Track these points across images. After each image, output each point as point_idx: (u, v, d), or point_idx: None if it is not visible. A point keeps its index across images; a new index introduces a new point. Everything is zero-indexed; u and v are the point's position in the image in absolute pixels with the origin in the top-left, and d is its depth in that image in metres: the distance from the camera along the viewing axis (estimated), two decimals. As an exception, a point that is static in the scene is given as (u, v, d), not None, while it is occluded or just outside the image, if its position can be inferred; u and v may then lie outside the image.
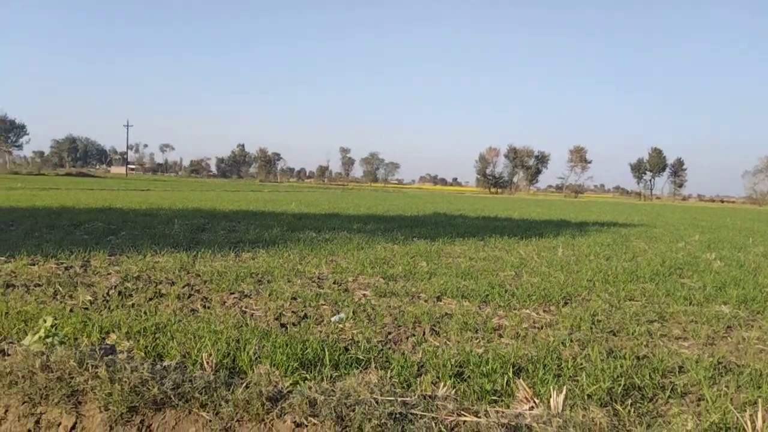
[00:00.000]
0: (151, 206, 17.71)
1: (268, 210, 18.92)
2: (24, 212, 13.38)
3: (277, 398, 2.93)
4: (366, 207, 25.16)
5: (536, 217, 23.12)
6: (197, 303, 5.34)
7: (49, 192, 25.07)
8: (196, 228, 11.80)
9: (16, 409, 3.11)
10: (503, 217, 21.71)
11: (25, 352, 3.51)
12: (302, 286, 6.29)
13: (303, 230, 12.17)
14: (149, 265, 7.11)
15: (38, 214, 13.11)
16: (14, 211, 13.72)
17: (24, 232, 9.80)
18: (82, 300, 5.22)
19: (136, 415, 2.93)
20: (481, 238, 12.03)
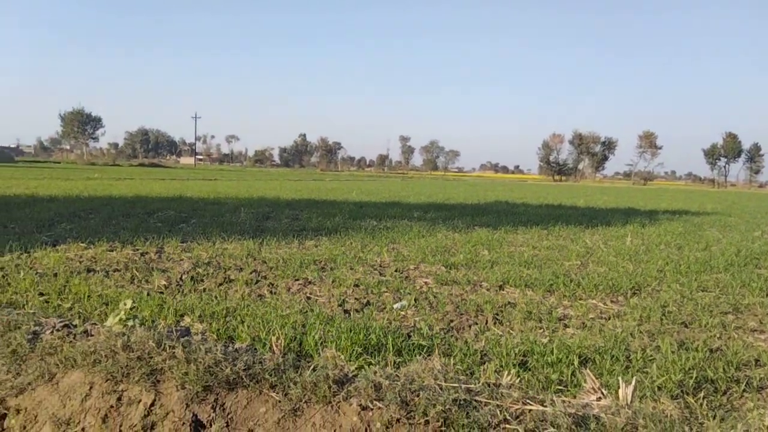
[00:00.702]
0: (218, 195, 18.31)
1: (329, 199, 19.19)
2: (101, 201, 14.12)
3: (343, 381, 3.00)
4: (426, 195, 25.11)
5: (603, 206, 22.44)
6: (264, 289, 5.51)
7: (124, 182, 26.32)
8: (261, 216, 12.13)
9: (99, 386, 3.31)
10: (568, 206, 21.19)
11: (107, 332, 3.73)
12: (364, 273, 6.38)
13: (364, 218, 12.28)
14: (218, 251, 7.38)
15: (114, 202, 13.81)
16: (93, 199, 14.50)
17: (102, 219, 10.36)
18: (157, 284, 5.49)
19: (210, 394, 3.07)
20: (544, 227, 11.80)
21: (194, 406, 3.04)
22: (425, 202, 19.40)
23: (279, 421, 2.90)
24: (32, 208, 11.72)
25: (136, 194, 17.14)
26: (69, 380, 3.40)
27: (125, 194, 16.93)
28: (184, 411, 3.03)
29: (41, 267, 6.07)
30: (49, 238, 8.00)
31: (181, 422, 3.00)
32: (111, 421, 3.14)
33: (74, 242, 7.58)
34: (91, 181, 25.51)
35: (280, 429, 2.88)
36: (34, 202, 13.20)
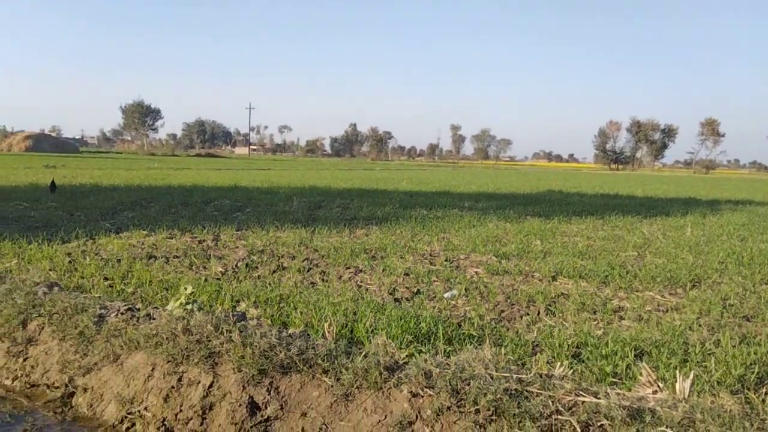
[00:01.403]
0: (271, 185, 18.66)
1: (380, 188, 19.27)
2: (161, 190, 14.62)
3: (394, 368, 3.04)
4: (477, 184, 24.87)
5: (661, 195, 21.68)
6: (316, 276, 5.61)
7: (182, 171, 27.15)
8: (313, 205, 12.30)
9: (161, 367, 3.47)
10: (624, 195, 20.58)
11: (168, 316, 3.89)
12: (414, 262, 6.40)
13: (414, 208, 12.28)
14: (272, 239, 7.54)
15: (173, 192, 14.28)
16: (153, 189, 15.03)
17: (162, 208, 10.73)
18: (214, 271, 5.67)
19: (265, 378, 3.17)
20: (599, 217, 11.52)
21: (250, 389, 3.14)
22: (476, 192, 19.22)
23: (331, 405, 2.97)
24: (96, 196, 12.25)
25: (194, 184, 17.65)
26: (132, 361, 3.57)
27: (183, 184, 17.47)
28: (240, 393, 3.13)
29: (106, 253, 6.36)
30: (113, 225, 8.35)
31: (238, 404, 3.10)
32: (172, 401, 3.28)
33: (136, 230, 7.90)
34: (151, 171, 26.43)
35: (333, 413, 2.95)
36: (98, 191, 13.80)
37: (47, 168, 24.32)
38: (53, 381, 3.73)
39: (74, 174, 20.37)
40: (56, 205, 10.51)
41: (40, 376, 3.79)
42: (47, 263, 5.66)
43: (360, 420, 2.88)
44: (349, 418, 2.91)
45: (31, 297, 4.35)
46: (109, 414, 3.38)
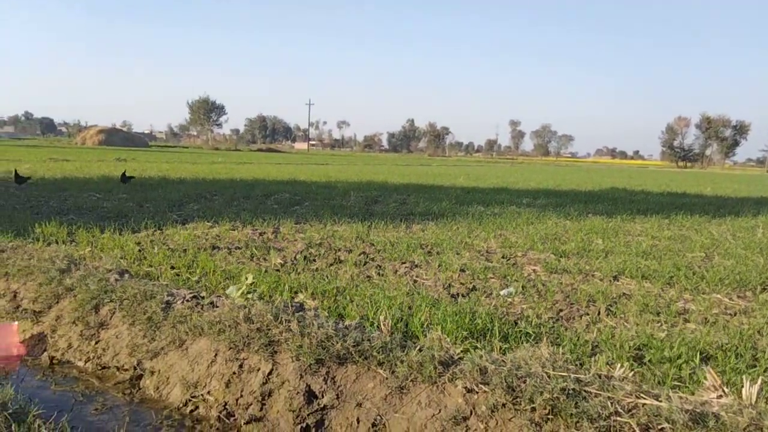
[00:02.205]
0: (329, 179, 18.91)
1: (436, 184, 19.20)
2: (224, 183, 15.08)
3: (449, 363, 3.04)
4: (536, 181, 24.40)
5: (732, 194, 20.66)
6: (372, 270, 5.67)
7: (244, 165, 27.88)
8: (369, 200, 12.40)
9: (223, 353, 3.60)
10: (692, 194, 19.73)
11: (231, 304, 4.03)
12: (470, 258, 6.36)
13: (471, 204, 12.19)
14: (329, 233, 7.66)
15: (236, 185, 14.70)
16: (217, 182, 15.52)
17: (225, 201, 11.08)
18: (274, 262, 5.81)
19: (322, 367, 3.24)
20: (665, 216, 11.10)
21: (308, 378, 3.22)
22: (535, 188, 18.87)
23: (386, 397, 3.01)
24: (164, 189, 12.76)
25: (255, 177, 18.11)
26: (197, 347, 3.72)
27: (245, 177, 17.95)
28: (298, 381, 3.21)
29: (172, 243, 6.62)
30: (179, 216, 8.69)
31: (295, 391, 3.18)
32: (233, 386, 3.40)
33: (201, 221, 8.19)
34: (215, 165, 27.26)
35: (387, 405, 2.98)
36: (166, 183, 14.36)
37: (118, 161, 25.48)
38: (123, 363, 3.93)
39: (143, 167, 21.26)
40: (127, 196, 11.01)
41: (111, 359, 4.00)
42: (118, 251, 5.95)
43: (414, 413, 2.91)
44: (404, 410, 2.94)
45: (103, 283, 4.59)
46: (174, 397, 3.54)
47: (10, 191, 11.21)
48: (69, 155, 29.65)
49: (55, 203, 9.67)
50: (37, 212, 8.51)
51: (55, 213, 8.42)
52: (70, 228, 6.99)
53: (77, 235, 6.66)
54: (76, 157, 27.48)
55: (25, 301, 4.68)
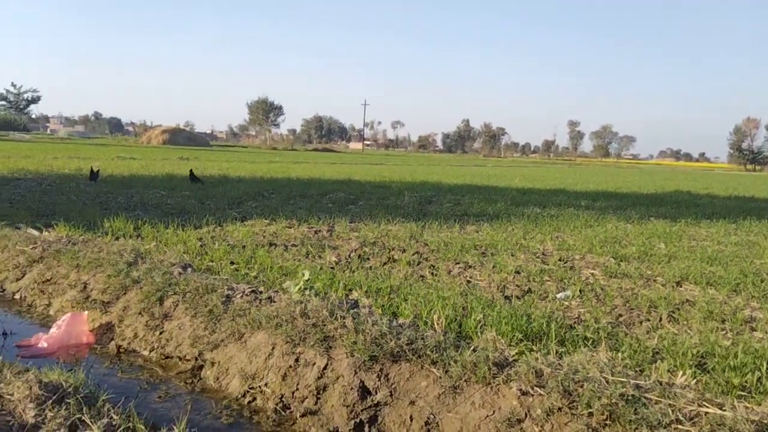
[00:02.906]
0: (383, 179, 19.00)
1: (491, 185, 18.99)
2: (281, 182, 15.40)
3: (503, 365, 3.02)
4: (595, 183, 23.78)
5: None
6: (425, 270, 5.67)
7: (300, 165, 28.36)
8: (423, 200, 12.39)
9: (280, 347, 3.68)
10: (761, 198, 18.77)
11: (288, 300, 4.12)
12: (526, 260, 6.27)
13: (527, 205, 12.00)
14: (383, 232, 7.71)
15: (292, 184, 14.98)
16: (274, 181, 15.86)
17: (282, 199, 11.31)
18: (328, 260, 5.90)
19: (376, 364, 3.27)
20: (732, 221, 10.61)
21: (361, 374, 3.26)
22: (594, 190, 18.39)
23: (439, 396, 3.01)
24: (224, 186, 13.14)
25: (311, 177, 18.40)
26: (255, 340, 3.82)
27: (301, 176, 18.27)
28: (352, 377, 3.26)
29: (232, 239, 6.82)
30: (238, 214, 8.93)
31: (349, 387, 3.23)
32: (289, 379, 3.47)
33: (259, 218, 8.40)
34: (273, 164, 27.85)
35: (441, 404, 2.98)
36: (226, 181, 14.79)
37: (182, 160, 26.39)
38: (185, 354, 4.08)
39: (205, 166, 21.95)
40: (189, 193, 11.41)
41: (174, 349, 4.16)
42: (181, 246, 6.18)
43: (467, 413, 2.90)
44: (457, 410, 2.94)
45: (167, 276, 4.78)
46: (233, 388, 3.65)
47: (81, 187, 11.80)
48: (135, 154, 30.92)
49: (122, 199, 10.12)
50: (106, 208, 8.93)
51: (122, 209, 8.81)
52: (137, 223, 7.30)
53: (143, 230, 6.96)
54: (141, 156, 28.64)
55: (95, 292, 4.93)
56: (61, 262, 5.47)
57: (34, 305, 5.18)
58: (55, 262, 5.52)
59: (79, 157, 23.94)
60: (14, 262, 5.78)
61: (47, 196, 10.14)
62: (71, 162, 19.74)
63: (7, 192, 10.42)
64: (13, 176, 13.51)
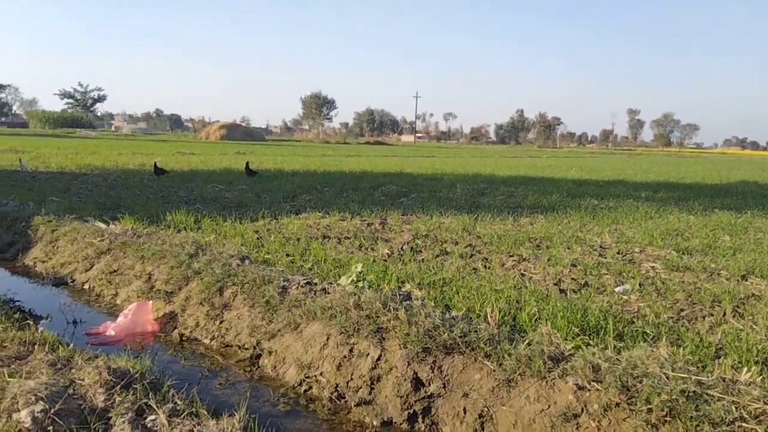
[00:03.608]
0: (435, 171, 18.94)
1: (546, 176, 18.64)
2: (334, 175, 15.57)
3: (559, 359, 2.98)
4: (656, 173, 22.97)
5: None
6: (478, 263, 5.64)
7: (353, 158, 28.59)
8: (476, 192, 12.29)
9: (335, 338, 3.75)
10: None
11: (342, 291, 4.19)
12: (582, 253, 6.14)
13: (584, 197, 11.73)
14: (435, 225, 7.70)
15: (345, 177, 15.13)
16: (327, 174, 16.06)
17: (335, 192, 11.45)
18: (381, 252, 5.95)
19: (429, 356, 3.29)
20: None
21: (415, 365, 3.28)
22: (654, 181, 17.78)
23: (493, 389, 3.00)
24: (279, 180, 13.40)
25: (363, 170, 18.53)
26: (310, 330, 3.90)
27: (354, 170, 18.41)
28: (406, 368, 3.29)
29: (287, 232, 6.96)
30: (293, 207, 9.11)
31: (403, 378, 3.26)
32: (344, 369, 3.54)
33: (312, 212, 8.54)
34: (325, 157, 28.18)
35: (494, 397, 2.98)
36: (280, 175, 15.07)
37: (238, 154, 27.05)
38: (243, 343, 4.21)
39: (260, 160, 22.41)
40: (246, 187, 11.70)
41: (233, 338, 4.30)
42: (239, 239, 6.35)
43: (522, 407, 2.88)
44: (511, 403, 2.92)
45: (226, 268, 4.93)
46: (289, 376, 3.74)
47: (144, 182, 12.28)
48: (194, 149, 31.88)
49: (183, 193, 10.48)
50: (168, 201, 9.27)
51: (183, 202, 9.13)
52: (197, 216, 7.55)
53: (203, 223, 7.19)
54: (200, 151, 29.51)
55: (159, 283, 5.14)
56: (127, 254, 5.73)
57: (102, 295, 5.44)
58: (122, 254, 5.78)
59: (141, 153, 24.88)
60: (83, 253, 6.09)
61: (113, 190, 10.61)
62: (135, 158, 20.56)
63: (75, 187, 10.96)
64: (80, 172, 14.18)
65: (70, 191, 10.22)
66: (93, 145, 31.88)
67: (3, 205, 8.23)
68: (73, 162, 17.03)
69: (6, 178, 12.09)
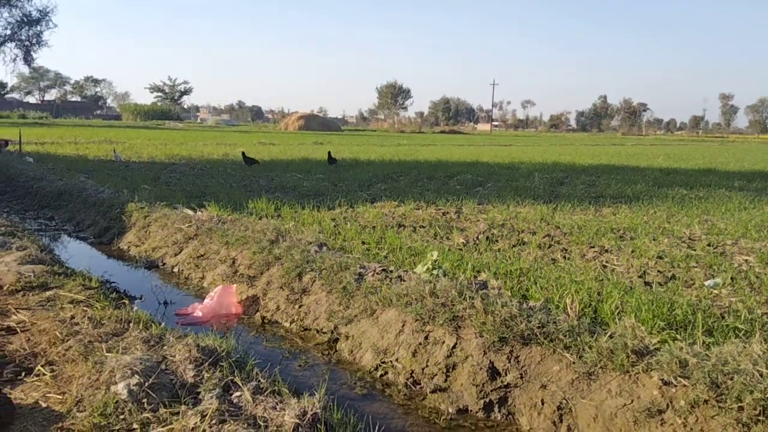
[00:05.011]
0: (512, 160, 18.57)
1: (630, 164, 17.86)
2: (409, 165, 15.60)
3: (643, 353, 2.87)
4: (751, 162, 21.49)
5: None
6: (557, 253, 5.50)
7: (427, 147, 28.50)
8: (555, 181, 11.97)
9: (410, 324, 3.78)
10: None
11: (417, 279, 4.21)
12: (669, 245, 5.87)
13: (671, 186, 11.17)
14: (512, 214, 7.58)
15: (420, 166, 15.12)
16: (402, 163, 16.11)
17: (409, 181, 11.48)
18: (456, 242, 5.92)
19: (506, 346, 3.26)
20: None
21: (491, 354, 3.26)
22: (749, 170, 16.65)
23: (573, 381, 2.94)
24: (355, 170, 13.58)
25: (438, 159, 18.45)
26: (386, 317, 3.95)
27: (429, 159, 18.37)
28: (481, 357, 3.27)
29: (362, 220, 7.07)
30: (368, 196, 9.22)
31: (479, 367, 3.25)
32: (419, 356, 3.57)
33: (388, 200, 8.61)
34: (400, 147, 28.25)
35: (574, 389, 2.91)
36: (356, 164, 15.27)
37: (316, 144, 27.62)
38: (321, 327, 4.33)
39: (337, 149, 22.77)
40: (323, 176, 11.94)
41: (311, 322, 4.43)
42: (317, 226, 6.51)
43: (603, 401, 2.80)
44: (591, 397, 2.85)
45: (305, 254, 5.07)
46: (365, 361, 3.82)
47: (228, 171, 12.79)
48: (274, 139, 32.81)
49: (263, 182, 10.84)
50: (250, 190, 9.62)
51: (264, 191, 9.44)
52: (277, 204, 7.80)
53: (282, 211, 7.42)
54: (279, 141, 30.34)
55: (242, 267, 5.36)
56: (213, 239, 6.00)
57: (189, 278, 5.74)
58: (208, 239, 6.07)
59: (225, 143, 25.89)
60: (173, 238, 6.43)
61: (199, 179, 11.12)
62: (218, 148, 21.42)
63: (164, 176, 11.57)
64: (169, 161, 14.96)
65: (159, 180, 10.81)
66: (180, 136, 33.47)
67: (100, 192, 8.82)
68: (162, 152, 17.97)
69: (102, 167, 12.94)
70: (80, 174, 11.23)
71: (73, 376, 2.96)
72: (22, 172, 11.77)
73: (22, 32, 49.06)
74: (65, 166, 12.87)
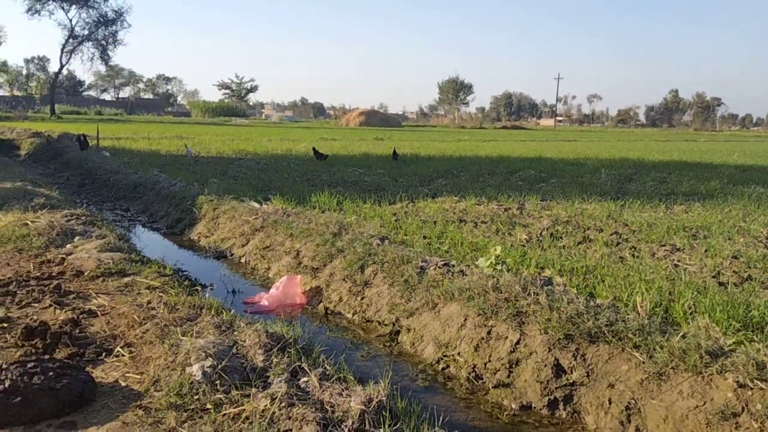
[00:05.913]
0: (577, 156, 18.10)
1: (703, 161, 17.08)
2: (470, 160, 15.47)
3: (717, 354, 2.77)
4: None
5: None
6: (625, 251, 5.35)
7: (489, 143, 28.13)
8: (622, 178, 11.60)
9: (472, 319, 3.77)
10: None
11: (479, 273, 4.20)
12: (746, 245, 5.60)
13: (748, 184, 10.62)
14: (577, 211, 7.40)
15: (481, 162, 14.97)
16: (462, 159, 15.99)
17: (470, 177, 11.39)
18: (519, 238, 5.85)
19: (571, 343, 3.20)
20: None
21: (556, 351, 3.22)
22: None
23: (642, 381, 2.86)
24: (416, 165, 13.59)
25: (500, 155, 18.19)
26: (448, 310, 3.96)
27: (490, 154, 18.15)
28: (546, 354, 3.23)
29: (423, 215, 7.08)
30: (429, 191, 9.21)
31: (543, 363, 3.21)
32: (481, 351, 3.56)
33: (448, 196, 8.59)
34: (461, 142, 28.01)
35: (643, 390, 2.84)
36: (417, 160, 15.27)
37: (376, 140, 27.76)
38: (383, 319, 4.38)
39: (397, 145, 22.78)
40: (384, 171, 12.01)
41: (373, 314, 4.49)
42: (378, 220, 6.57)
43: (674, 402, 2.72)
44: (662, 398, 2.77)
45: (367, 247, 5.14)
46: (427, 354, 3.84)
47: (291, 166, 13.06)
48: (335, 135, 33.22)
49: (326, 177, 11.02)
50: (312, 184, 9.81)
51: (326, 185, 9.60)
52: (339, 198, 7.92)
53: (344, 205, 7.52)
54: (341, 137, 30.67)
55: (306, 259, 5.48)
56: (278, 232, 6.16)
57: (256, 268, 5.92)
58: (273, 231, 6.23)
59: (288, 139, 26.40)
60: (240, 230, 6.65)
61: (264, 173, 11.42)
62: (282, 144, 21.88)
63: (232, 170, 11.94)
64: (236, 156, 15.41)
65: (227, 174, 11.17)
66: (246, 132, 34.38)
67: (172, 185, 9.21)
68: (230, 147, 18.52)
69: (174, 161, 13.48)
70: (153, 168, 11.75)
71: (150, 357, 3.12)
72: (99, 165, 12.43)
73: (98, 32, 51.85)
74: (139, 160, 13.49)
